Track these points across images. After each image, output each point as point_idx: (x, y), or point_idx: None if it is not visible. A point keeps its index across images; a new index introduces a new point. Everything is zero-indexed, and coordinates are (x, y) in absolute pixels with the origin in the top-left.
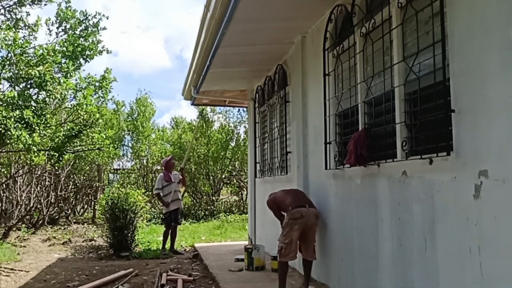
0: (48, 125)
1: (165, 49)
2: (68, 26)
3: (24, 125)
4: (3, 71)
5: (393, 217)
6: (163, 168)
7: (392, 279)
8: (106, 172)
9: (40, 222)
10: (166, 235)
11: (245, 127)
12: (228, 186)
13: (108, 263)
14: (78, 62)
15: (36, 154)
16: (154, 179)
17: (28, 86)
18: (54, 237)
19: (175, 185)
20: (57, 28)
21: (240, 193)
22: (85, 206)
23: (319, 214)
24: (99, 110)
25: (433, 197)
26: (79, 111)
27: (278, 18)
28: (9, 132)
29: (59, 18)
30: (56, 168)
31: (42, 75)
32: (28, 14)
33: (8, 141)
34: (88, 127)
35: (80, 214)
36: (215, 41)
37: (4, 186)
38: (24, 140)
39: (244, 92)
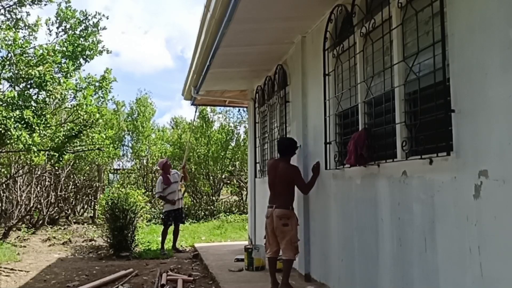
0: (48, 125)
1: (166, 49)
2: (68, 26)
3: (24, 125)
4: (3, 71)
5: (393, 217)
6: (161, 170)
7: (392, 279)
8: (106, 172)
9: (40, 222)
10: (164, 234)
11: (245, 127)
12: (228, 186)
13: (108, 263)
14: (78, 62)
15: (36, 154)
16: (154, 179)
17: (28, 86)
18: (54, 237)
19: (175, 186)
20: (57, 28)
21: (240, 193)
22: (85, 206)
23: (284, 214)
24: (99, 110)
25: (433, 197)
26: (79, 111)
27: (278, 18)
28: (9, 132)
29: (59, 18)
30: (56, 168)
31: (42, 75)
32: (28, 14)
33: (8, 141)
34: (88, 127)
35: (80, 214)
36: (215, 41)
37: (4, 186)
38: (24, 140)
39: (244, 92)
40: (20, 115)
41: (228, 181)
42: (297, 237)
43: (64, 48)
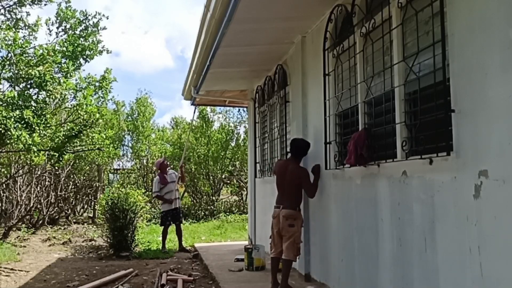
0: (48, 125)
1: (166, 49)
2: (68, 26)
3: (24, 125)
4: (3, 71)
5: (393, 217)
6: (158, 170)
7: (392, 279)
8: (106, 172)
9: (40, 222)
10: (165, 234)
11: (245, 127)
12: (228, 186)
13: (108, 263)
14: (78, 62)
15: (36, 154)
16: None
17: (28, 86)
18: (54, 237)
19: (172, 185)
20: (57, 28)
21: (240, 193)
22: (85, 206)
23: (291, 214)
24: (99, 110)
25: (433, 197)
26: (79, 111)
27: (278, 18)
28: (9, 132)
29: (59, 18)
30: (56, 168)
31: (42, 75)
32: (28, 14)
33: (8, 141)
34: (88, 127)
35: (80, 214)
36: (215, 41)
37: (4, 186)
38: (24, 140)
39: (244, 92)
40: (20, 115)
41: (228, 181)
42: (300, 239)
43: (64, 48)
